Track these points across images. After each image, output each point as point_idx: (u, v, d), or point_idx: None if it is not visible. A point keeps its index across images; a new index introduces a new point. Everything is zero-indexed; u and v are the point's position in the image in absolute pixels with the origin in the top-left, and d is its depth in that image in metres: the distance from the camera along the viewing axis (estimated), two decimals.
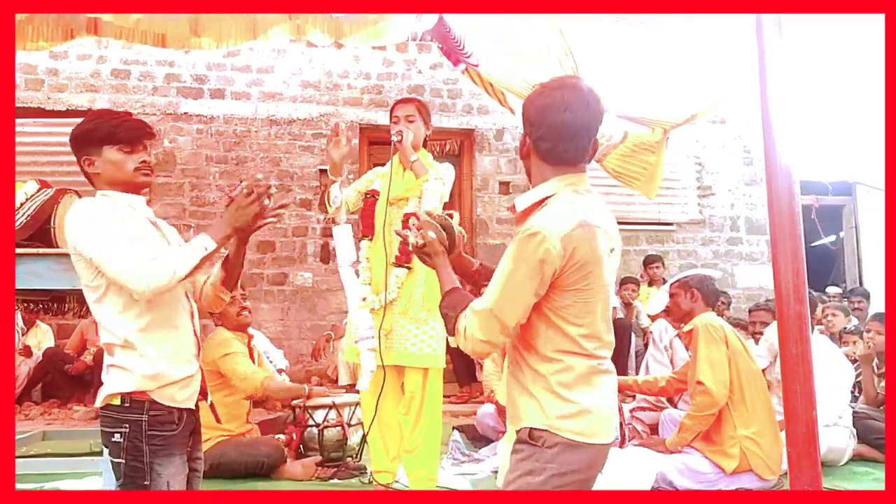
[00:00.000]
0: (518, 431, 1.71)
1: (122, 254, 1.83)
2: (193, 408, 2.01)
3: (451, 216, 1.93)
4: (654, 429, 4.19)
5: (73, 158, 2.01)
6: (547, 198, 1.69)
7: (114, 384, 1.90)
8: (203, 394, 2.05)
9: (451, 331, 1.74)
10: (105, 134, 1.95)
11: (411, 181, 3.30)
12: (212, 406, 2.17)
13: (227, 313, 3.86)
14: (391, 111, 3.40)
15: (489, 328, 1.64)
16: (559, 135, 1.66)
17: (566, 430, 1.64)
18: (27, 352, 6.00)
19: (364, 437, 3.53)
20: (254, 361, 3.98)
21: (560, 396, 1.65)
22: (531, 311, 1.66)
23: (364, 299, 3.28)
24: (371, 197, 3.40)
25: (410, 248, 1.84)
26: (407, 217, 2.00)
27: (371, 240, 3.36)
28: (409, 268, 3.23)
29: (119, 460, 1.88)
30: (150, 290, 1.82)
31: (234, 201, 1.91)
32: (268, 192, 1.92)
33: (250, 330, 4.09)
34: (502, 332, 1.65)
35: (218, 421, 2.45)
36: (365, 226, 3.39)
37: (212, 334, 3.91)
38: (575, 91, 1.67)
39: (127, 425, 1.87)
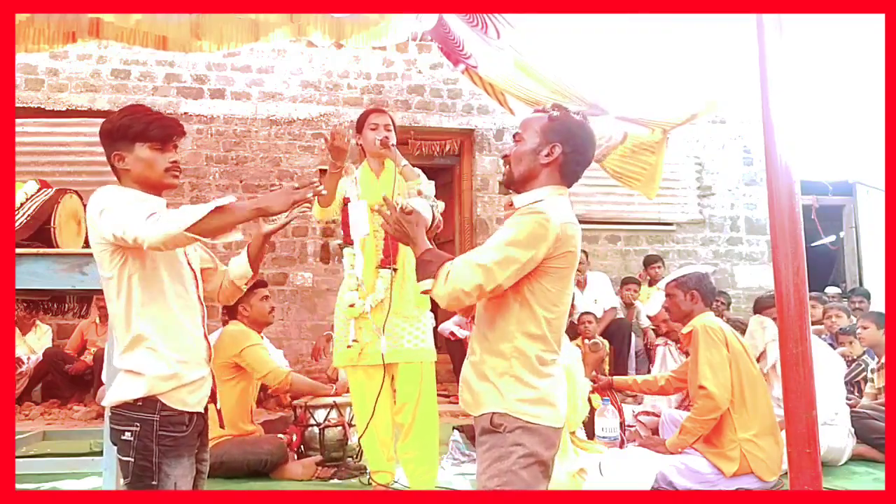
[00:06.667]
0: (478, 419, 1.81)
1: (131, 207, 1.82)
2: (203, 411, 2.00)
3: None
4: (654, 430, 4.19)
5: (74, 159, 2.03)
6: (539, 201, 1.86)
7: (124, 390, 1.88)
8: (213, 397, 2.05)
9: (428, 274, 1.80)
10: (139, 131, 1.92)
11: (387, 184, 3.31)
12: (219, 412, 2.17)
13: (258, 309, 3.87)
14: (365, 118, 3.39)
15: (476, 281, 1.72)
16: (585, 166, 1.93)
17: (524, 413, 1.76)
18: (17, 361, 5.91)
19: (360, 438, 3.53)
20: None
21: (520, 381, 1.78)
22: (508, 291, 1.78)
23: (352, 306, 3.29)
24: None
25: (399, 209, 1.89)
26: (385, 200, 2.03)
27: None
28: (394, 269, 3.26)
29: (128, 459, 1.86)
30: (158, 236, 1.73)
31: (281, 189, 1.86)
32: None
33: None
34: (485, 287, 1.73)
35: (222, 426, 2.43)
36: (346, 233, 3.36)
37: (226, 328, 3.88)
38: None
39: (138, 424, 1.86)
